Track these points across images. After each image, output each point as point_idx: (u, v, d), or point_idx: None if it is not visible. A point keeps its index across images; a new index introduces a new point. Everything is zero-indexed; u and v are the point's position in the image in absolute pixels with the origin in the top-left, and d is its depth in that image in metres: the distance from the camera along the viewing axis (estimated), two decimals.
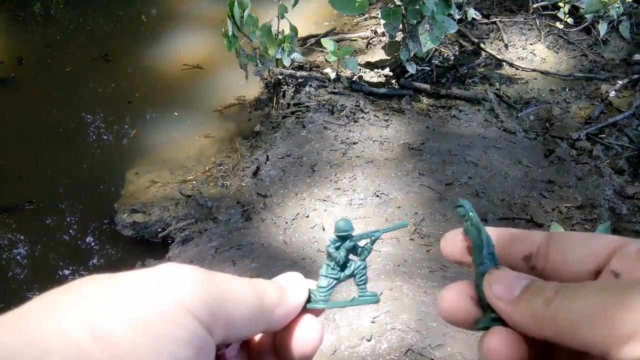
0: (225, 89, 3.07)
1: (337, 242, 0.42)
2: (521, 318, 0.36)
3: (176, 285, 0.31)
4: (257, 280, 0.37)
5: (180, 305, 0.30)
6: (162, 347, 0.28)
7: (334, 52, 2.71)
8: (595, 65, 3.09)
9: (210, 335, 0.31)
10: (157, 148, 2.75)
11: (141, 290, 0.30)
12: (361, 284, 0.43)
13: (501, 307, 0.37)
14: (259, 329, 0.36)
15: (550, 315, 0.34)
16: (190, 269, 0.33)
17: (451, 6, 2.53)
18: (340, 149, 2.45)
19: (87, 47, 3.43)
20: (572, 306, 0.33)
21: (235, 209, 2.23)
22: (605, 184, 2.32)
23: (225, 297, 0.33)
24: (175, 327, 0.29)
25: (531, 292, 0.36)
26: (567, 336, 0.33)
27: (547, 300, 0.34)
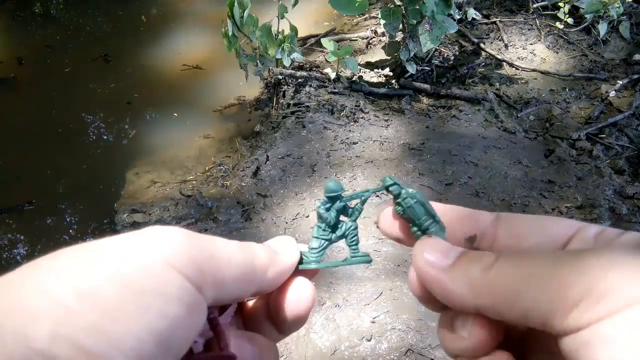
0: (225, 89, 3.07)
1: (327, 203, 0.42)
2: (456, 286, 0.34)
3: (161, 244, 0.30)
4: (247, 243, 0.37)
5: (167, 263, 0.29)
6: (149, 303, 0.27)
7: (334, 52, 2.71)
8: (595, 65, 3.09)
9: (200, 294, 0.31)
10: (157, 148, 2.75)
11: (126, 250, 0.29)
12: (353, 245, 0.43)
13: (433, 275, 0.35)
14: (250, 289, 0.36)
15: (489, 282, 0.32)
16: (175, 229, 0.32)
17: (451, 6, 2.53)
18: (340, 149, 2.45)
19: (87, 47, 3.43)
20: (514, 272, 0.31)
21: (235, 209, 2.23)
22: (605, 184, 2.32)
23: (213, 255, 0.32)
24: (163, 283, 0.29)
25: (468, 259, 0.35)
26: (506, 305, 0.31)
27: (486, 266, 0.33)
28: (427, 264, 0.36)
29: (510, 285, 0.31)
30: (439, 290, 0.35)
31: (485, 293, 0.32)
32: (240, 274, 0.34)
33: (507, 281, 0.31)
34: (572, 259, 0.29)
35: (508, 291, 0.31)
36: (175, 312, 0.28)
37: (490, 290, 0.32)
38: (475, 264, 0.33)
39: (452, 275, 0.34)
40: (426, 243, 0.37)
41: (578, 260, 0.28)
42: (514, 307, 0.30)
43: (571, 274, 0.28)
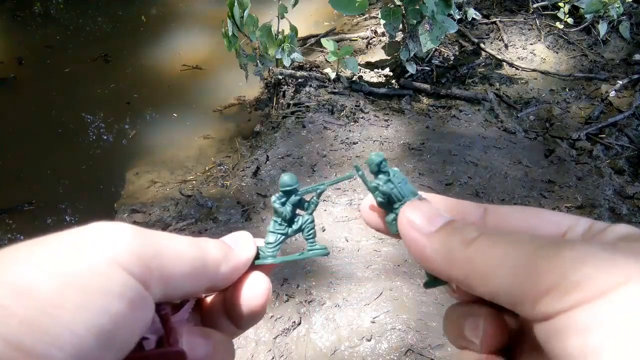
0: (225, 89, 3.07)
1: (283, 197, 0.42)
2: (433, 253, 0.34)
3: (105, 241, 0.30)
4: (200, 239, 0.37)
5: (110, 259, 0.29)
6: (91, 300, 0.27)
7: (334, 52, 2.71)
8: (595, 65, 3.09)
9: (146, 290, 0.31)
10: (157, 148, 2.75)
11: (69, 247, 0.29)
12: (310, 238, 0.43)
13: (414, 237, 0.36)
14: (202, 285, 0.36)
15: (466, 257, 0.32)
16: (120, 225, 0.32)
17: (451, 6, 2.53)
18: (340, 149, 2.45)
19: (87, 47, 3.43)
20: (493, 251, 0.31)
21: (235, 209, 2.23)
22: (605, 184, 2.32)
23: (160, 251, 0.32)
24: (105, 280, 0.29)
25: (451, 228, 0.35)
26: (478, 281, 0.31)
27: (467, 241, 0.33)
28: (410, 225, 0.36)
29: (486, 263, 0.31)
30: (416, 253, 0.36)
31: (460, 266, 0.32)
32: (189, 270, 0.34)
33: (483, 259, 0.31)
34: (548, 248, 0.29)
35: (483, 269, 0.31)
36: (118, 309, 0.28)
37: (465, 265, 0.32)
38: (456, 237, 0.34)
39: (432, 242, 0.35)
40: (416, 205, 0.38)
41: (554, 250, 0.29)
42: (486, 285, 0.31)
43: (545, 262, 0.28)
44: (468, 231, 0.34)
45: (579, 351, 0.25)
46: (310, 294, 1.79)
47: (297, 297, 1.78)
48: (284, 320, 1.72)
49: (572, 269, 0.27)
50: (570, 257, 0.28)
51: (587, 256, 0.27)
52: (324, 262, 1.91)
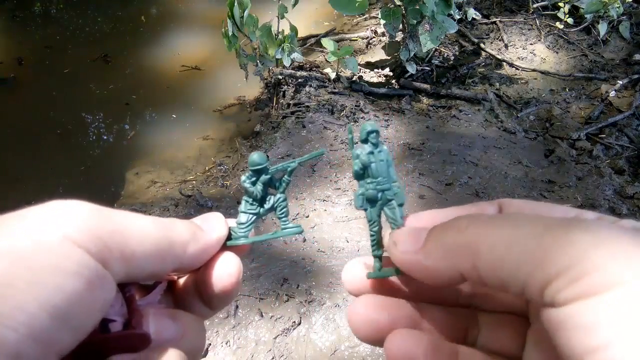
0: (225, 89, 3.07)
1: (253, 176, 0.41)
2: (432, 259, 0.33)
3: (60, 218, 0.30)
4: (167, 219, 0.36)
5: (64, 237, 0.29)
6: (44, 279, 0.27)
7: (334, 52, 2.71)
8: (595, 65, 3.09)
9: (105, 269, 0.30)
10: (157, 148, 2.75)
11: (22, 224, 0.29)
12: (282, 217, 0.42)
13: (409, 260, 0.34)
14: (168, 265, 0.35)
15: (465, 242, 0.30)
16: (79, 203, 0.32)
17: (451, 6, 2.53)
18: (340, 149, 2.45)
19: (87, 47, 3.43)
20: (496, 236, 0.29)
21: (235, 209, 2.22)
22: (605, 184, 2.32)
23: (121, 230, 0.31)
24: (59, 258, 0.28)
25: (440, 229, 0.34)
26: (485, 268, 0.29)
27: (460, 228, 0.31)
28: (402, 253, 0.35)
29: (491, 249, 0.29)
30: (420, 273, 0.34)
31: (462, 255, 0.31)
32: (153, 249, 0.33)
33: (487, 245, 0.29)
34: (559, 229, 0.27)
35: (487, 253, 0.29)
36: (73, 287, 0.27)
37: (468, 251, 0.30)
38: (448, 230, 0.33)
39: (427, 252, 0.33)
40: (396, 234, 0.37)
41: (564, 231, 0.27)
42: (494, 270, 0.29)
43: (555, 245, 0.26)
44: (458, 221, 0.32)
45: (580, 348, 0.24)
46: (310, 294, 1.79)
47: (297, 297, 1.78)
48: (284, 320, 1.72)
49: (581, 254, 0.25)
50: (581, 240, 0.26)
51: (599, 240, 0.25)
52: (324, 262, 1.91)
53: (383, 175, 0.40)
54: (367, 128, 0.41)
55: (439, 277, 0.33)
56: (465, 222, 0.32)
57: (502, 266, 0.28)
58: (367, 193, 0.40)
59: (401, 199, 0.40)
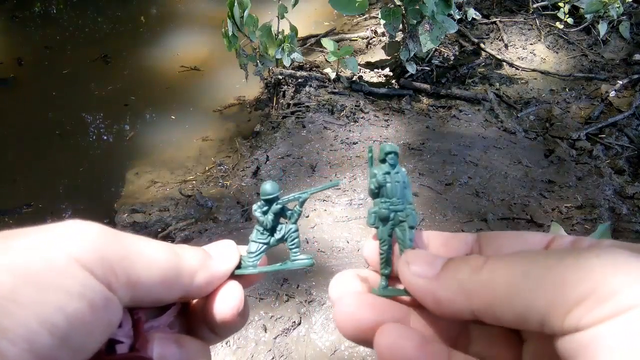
0: (225, 90, 3.07)
1: (264, 206, 0.41)
2: (447, 293, 0.33)
3: (71, 240, 0.30)
4: (179, 246, 0.37)
5: (72, 258, 0.29)
6: (47, 298, 0.27)
7: (334, 52, 2.71)
8: (595, 65, 3.09)
9: (110, 292, 0.30)
10: (157, 148, 2.75)
11: (33, 242, 0.29)
12: (293, 247, 0.42)
13: (421, 286, 0.34)
14: (175, 292, 0.36)
15: (481, 282, 0.31)
16: (91, 225, 0.32)
17: (451, 6, 2.53)
18: (340, 149, 2.45)
19: (87, 48, 3.43)
20: (508, 271, 0.30)
21: (235, 209, 2.22)
22: (605, 184, 2.32)
23: (129, 256, 0.32)
24: (64, 278, 0.28)
25: (456, 264, 0.34)
26: (502, 304, 0.30)
27: (476, 267, 0.32)
28: (415, 275, 0.35)
29: (505, 283, 0.30)
30: (431, 300, 0.34)
31: (478, 295, 0.31)
32: (159, 277, 0.34)
33: (501, 280, 0.30)
34: (572, 258, 0.28)
35: (503, 290, 0.30)
36: (75, 307, 0.28)
37: (484, 291, 0.31)
38: (463, 267, 0.33)
39: (442, 282, 0.33)
40: (410, 255, 0.37)
41: (579, 259, 0.28)
42: (511, 306, 0.29)
43: (573, 272, 0.27)
44: (473, 259, 0.33)
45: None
46: (310, 294, 1.79)
47: (297, 297, 1.78)
48: (284, 320, 1.72)
49: (604, 278, 0.26)
50: (599, 265, 0.27)
51: (616, 264, 0.26)
52: (324, 262, 1.91)
53: (397, 196, 0.40)
54: (387, 149, 0.41)
55: (449, 311, 0.33)
56: (482, 262, 0.32)
57: (520, 301, 0.29)
58: (380, 212, 0.40)
59: (413, 222, 0.40)
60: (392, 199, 0.40)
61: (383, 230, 0.40)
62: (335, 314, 0.38)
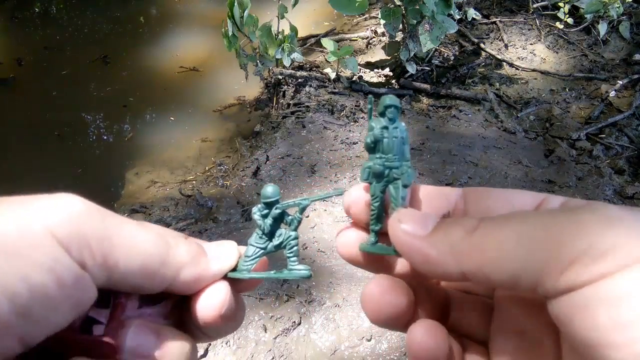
0: (224, 90, 3.07)
1: (264, 209, 0.40)
2: (438, 253, 0.32)
3: (53, 212, 0.30)
4: (176, 236, 0.36)
5: (49, 231, 0.29)
6: (13, 266, 0.27)
7: (334, 52, 2.71)
8: (595, 65, 3.09)
9: (83, 271, 0.30)
10: (157, 148, 2.75)
11: (14, 211, 0.29)
12: (291, 256, 0.40)
13: (412, 244, 0.34)
14: (156, 283, 0.34)
15: (473, 245, 0.31)
16: (78, 201, 0.32)
17: (451, 6, 2.53)
18: (340, 149, 2.45)
19: (87, 48, 3.43)
20: (502, 233, 0.29)
21: (235, 209, 2.22)
22: (605, 184, 2.32)
23: (111, 237, 0.31)
24: (35, 250, 0.28)
25: (448, 224, 0.34)
26: (494, 267, 0.29)
27: (469, 229, 0.31)
28: (405, 233, 0.34)
29: (498, 246, 0.29)
30: (419, 259, 0.33)
31: (470, 257, 0.31)
32: (140, 264, 0.33)
33: (494, 242, 0.30)
34: (565, 216, 0.28)
35: (496, 252, 0.29)
36: (41, 280, 0.28)
37: (476, 253, 0.30)
38: (456, 228, 0.32)
39: (433, 242, 0.33)
40: (402, 213, 0.36)
41: (573, 218, 0.27)
42: (503, 268, 0.29)
43: (566, 231, 0.27)
44: (466, 221, 0.33)
45: (608, 324, 0.24)
46: (310, 294, 1.79)
47: (297, 297, 1.78)
48: (284, 320, 1.72)
49: (598, 236, 0.25)
50: (593, 222, 0.26)
51: (611, 221, 0.26)
52: (324, 262, 1.91)
53: (394, 153, 0.39)
54: (386, 102, 0.39)
55: (439, 270, 0.33)
56: (475, 224, 0.32)
57: (512, 263, 0.28)
58: (374, 168, 0.39)
59: (407, 180, 0.39)
60: (388, 155, 0.39)
61: (376, 186, 0.39)
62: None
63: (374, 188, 0.39)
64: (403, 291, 0.37)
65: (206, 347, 1.66)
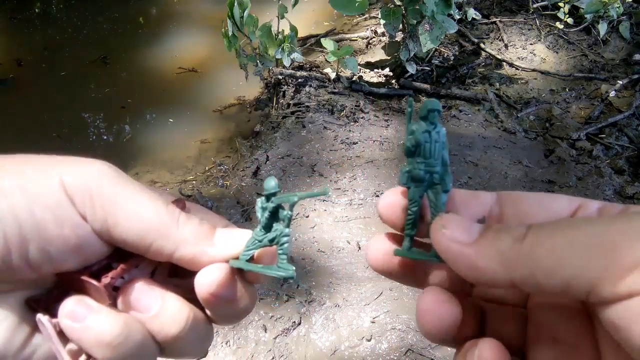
0: (224, 90, 3.07)
1: (265, 202, 0.40)
2: (485, 261, 0.32)
3: (73, 168, 0.37)
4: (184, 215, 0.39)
5: (59, 180, 0.36)
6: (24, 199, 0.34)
7: (334, 52, 2.71)
8: (595, 65, 3.09)
9: (82, 220, 0.36)
10: (157, 148, 2.75)
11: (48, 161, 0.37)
12: (280, 253, 0.40)
13: (458, 251, 0.33)
14: (152, 251, 0.38)
15: (524, 253, 0.31)
16: (105, 166, 0.38)
17: (451, 6, 2.53)
18: (340, 149, 2.45)
19: (86, 49, 3.43)
20: (556, 240, 0.29)
21: (235, 208, 2.22)
22: (605, 184, 2.32)
23: (117, 201, 0.36)
24: (44, 192, 0.35)
25: (495, 232, 0.33)
26: (546, 275, 0.29)
27: (518, 237, 0.31)
28: (449, 239, 0.34)
29: (550, 253, 0.29)
30: (465, 266, 0.33)
31: (522, 265, 0.31)
32: (138, 231, 0.36)
33: (546, 250, 0.30)
34: (621, 224, 0.28)
35: (548, 260, 0.29)
36: (42, 215, 0.34)
37: (527, 261, 0.30)
38: (504, 236, 0.32)
39: (479, 250, 0.33)
40: (446, 219, 0.35)
41: (630, 224, 0.27)
42: (555, 276, 0.29)
43: (624, 237, 0.27)
44: (515, 229, 0.32)
45: None
46: (310, 294, 1.79)
47: (297, 297, 1.78)
48: (284, 320, 1.72)
49: None
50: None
51: None
52: (324, 262, 1.91)
53: (435, 157, 0.39)
54: (429, 105, 0.39)
55: (486, 278, 0.32)
56: (524, 231, 0.32)
57: (566, 269, 0.28)
58: (414, 172, 0.39)
59: (447, 186, 0.38)
60: (429, 160, 0.39)
61: (415, 190, 0.39)
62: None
63: (413, 192, 0.39)
64: (455, 302, 0.36)
65: None
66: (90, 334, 0.36)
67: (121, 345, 0.36)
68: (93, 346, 0.36)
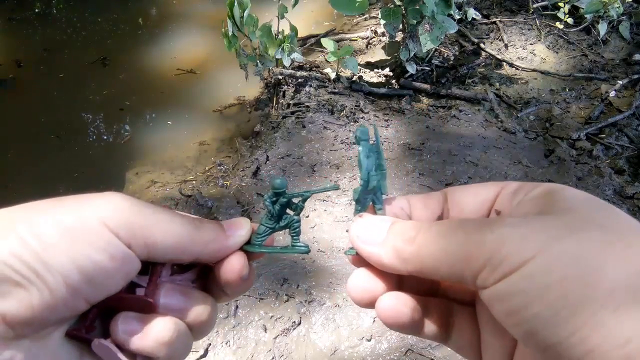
0: (224, 90, 3.07)
1: (273, 197, 0.48)
2: (387, 258, 0.41)
3: (105, 207, 0.40)
4: (199, 220, 0.46)
5: (103, 222, 0.39)
6: (79, 248, 0.38)
7: (334, 52, 2.71)
8: (595, 65, 3.09)
9: (129, 250, 0.40)
10: (157, 148, 2.75)
11: (75, 206, 0.40)
12: (294, 236, 0.49)
13: (370, 252, 0.42)
14: (187, 256, 0.44)
15: (412, 253, 0.39)
16: (125, 198, 0.41)
17: (451, 6, 2.53)
18: (340, 149, 2.45)
19: (86, 50, 3.43)
20: (433, 246, 0.38)
21: (235, 208, 2.22)
22: (605, 184, 2.32)
23: (149, 225, 0.41)
24: (94, 236, 0.38)
25: (394, 232, 0.41)
26: (430, 270, 0.38)
27: (408, 240, 0.40)
28: (361, 241, 0.43)
29: (431, 256, 0.38)
30: (376, 263, 0.42)
31: (412, 263, 0.39)
32: (173, 242, 0.42)
33: (428, 253, 0.38)
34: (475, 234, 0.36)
35: (431, 261, 0.38)
36: (99, 258, 0.38)
37: (416, 260, 0.39)
38: (399, 238, 0.40)
39: (384, 249, 0.41)
40: (359, 223, 0.44)
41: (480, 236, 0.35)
42: (437, 272, 0.38)
43: (475, 247, 0.35)
44: (408, 231, 0.40)
45: (506, 311, 0.34)
46: (310, 294, 1.79)
47: (297, 297, 1.78)
48: (284, 320, 1.71)
49: (495, 251, 0.34)
50: (492, 240, 0.35)
51: (505, 238, 0.34)
52: (324, 262, 1.91)
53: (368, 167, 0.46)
54: (358, 133, 0.46)
55: (391, 270, 0.41)
56: (413, 234, 0.39)
57: (441, 268, 0.37)
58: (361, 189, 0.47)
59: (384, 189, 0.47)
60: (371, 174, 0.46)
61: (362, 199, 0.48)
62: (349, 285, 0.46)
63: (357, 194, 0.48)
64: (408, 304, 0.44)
65: (206, 347, 1.65)
66: (149, 340, 0.42)
67: (176, 339, 0.43)
68: (154, 349, 0.42)
